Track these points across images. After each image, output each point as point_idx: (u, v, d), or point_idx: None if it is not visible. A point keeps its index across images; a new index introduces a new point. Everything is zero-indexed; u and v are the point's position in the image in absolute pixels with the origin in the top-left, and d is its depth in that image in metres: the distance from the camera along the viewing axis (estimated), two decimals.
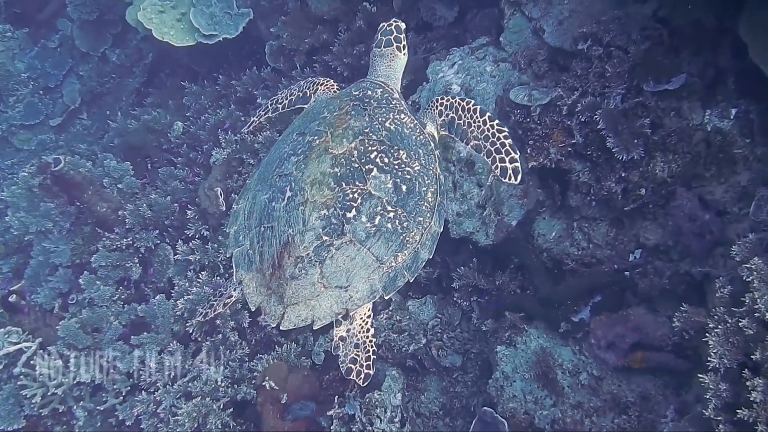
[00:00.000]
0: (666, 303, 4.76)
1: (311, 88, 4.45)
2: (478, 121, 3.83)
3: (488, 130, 3.78)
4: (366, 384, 3.66)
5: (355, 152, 3.58)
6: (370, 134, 3.66)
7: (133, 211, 6.62)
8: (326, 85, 4.42)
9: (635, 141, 4.63)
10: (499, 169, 3.73)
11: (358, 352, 3.64)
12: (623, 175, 4.72)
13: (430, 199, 3.68)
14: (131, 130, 7.86)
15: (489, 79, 5.32)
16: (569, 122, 4.87)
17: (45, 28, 11.00)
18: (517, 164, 3.72)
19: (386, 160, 3.59)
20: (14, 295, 6.27)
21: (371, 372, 3.64)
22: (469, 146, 3.88)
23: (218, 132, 7.15)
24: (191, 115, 7.80)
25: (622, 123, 4.66)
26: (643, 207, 4.81)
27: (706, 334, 3.96)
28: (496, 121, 3.79)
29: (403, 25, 4.32)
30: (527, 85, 5.10)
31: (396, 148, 3.66)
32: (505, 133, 3.76)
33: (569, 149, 4.90)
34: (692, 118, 4.69)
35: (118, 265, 6.52)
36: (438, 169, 3.81)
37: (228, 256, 3.94)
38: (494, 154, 3.75)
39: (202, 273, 6.14)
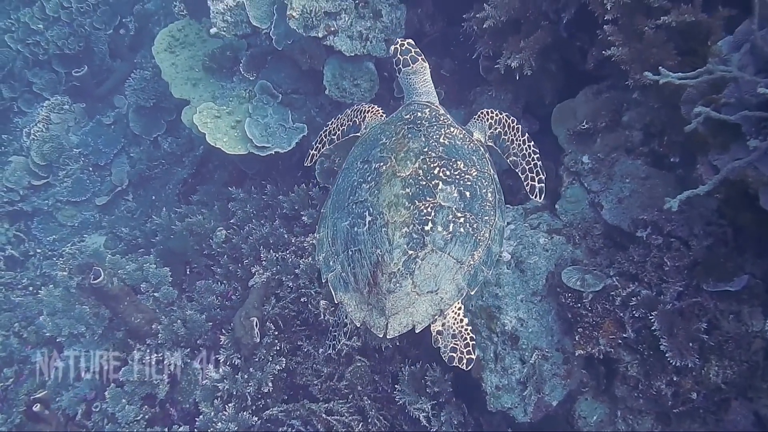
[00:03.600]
0: None
1: (359, 116, 4.87)
2: (520, 140, 4.53)
3: (526, 150, 4.50)
4: (469, 368, 4.01)
5: (420, 171, 3.98)
6: (429, 152, 4.06)
7: (167, 326, 6.53)
8: (372, 111, 4.85)
9: (690, 345, 4.42)
10: (529, 187, 4.50)
11: (456, 341, 4.02)
12: (675, 378, 4.51)
13: (490, 198, 4.11)
14: (173, 234, 7.80)
15: (542, 252, 5.18)
16: (622, 314, 4.70)
17: (102, 103, 11.16)
18: (543, 185, 4.49)
19: (447, 172, 4.01)
20: (38, 404, 6.18)
21: (473, 357, 4.01)
22: (508, 160, 4.56)
23: (260, 249, 7.05)
24: (235, 223, 7.73)
25: (678, 324, 4.47)
26: (694, 411, 4.58)
27: None
28: (532, 143, 4.51)
29: (411, 41, 4.69)
30: (580, 267, 4.94)
31: (453, 159, 4.08)
32: (538, 155, 4.51)
33: (619, 341, 4.71)
34: (752, 324, 4.47)
35: (146, 380, 6.39)
36: (491, 170, 4.28)
37: (324, 281, 4.22)
38: (527, 173, 4.50)
39: (229, 405, 6.00)
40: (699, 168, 4.20)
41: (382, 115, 4.82)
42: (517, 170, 4.52)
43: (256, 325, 6.16)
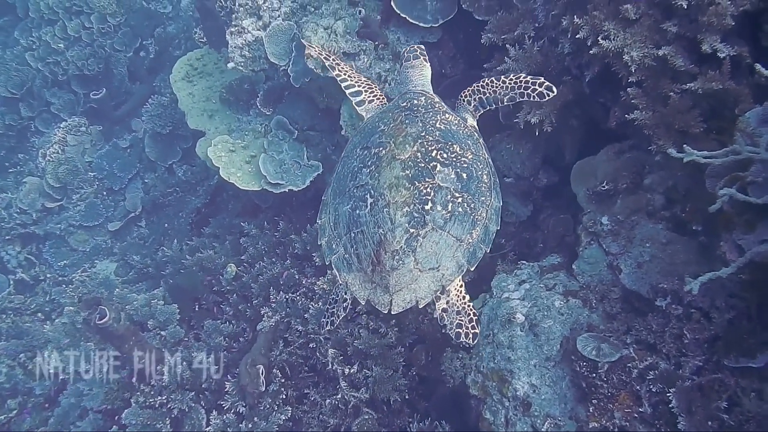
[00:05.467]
0: None
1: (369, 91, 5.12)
2: (499, 85, 4.67)
3: (510, 84, 4.64)
4: (475, 342, 4.16)
5: (419, 154, 4.12)
6: (427, 136, 4.21)
7: (172, 368, 6.42)
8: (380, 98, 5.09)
9: (709, 424, 4.24)
10: (537, 95, 4.58)
11: (461, 318, 4.15)
12: None
13: (486, 180, 4.25)
14: (184, 269, 7.71)
15: (557, 316, 5.01)
16: (638, 387, 4.52)
17: (119, 126, 11.15)
18: (545, 82, 4.56)
19: (445, 155, 4.14)
20: None
21: (477, 331, 4.17)
22: (505, 102, 4.70)
23: (270, 289, 6.94)
24: (246, 260, 7.62)
25: (697, 402, 4.29)
26: None
27: None
28: (512, 75, 4.66)
29: (422, 47, 5.10)
30: (596, 335, 4.77)
31: (450, 143, 4.23)
32: (522, 76, 4.63)
33: (635, 415, 4.54)
34: None
35: (149, 424, 6.28)
36: (486, 154, 4.45)
37: (327, 263, 4.31)
38: (525, 91, 4.60)
39: None
40: (723, 245, 4.03)
41: (383, 99, 5.09)
42: (518, 99, 4.69)
43: (262, 373, 6.05)
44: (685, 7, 4.37)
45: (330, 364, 6.03)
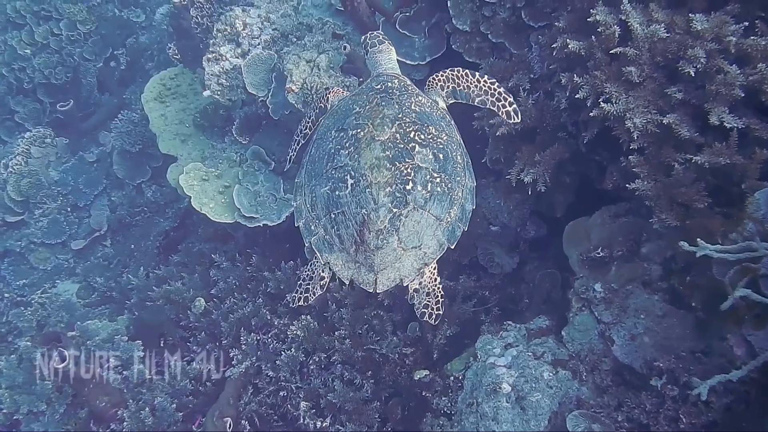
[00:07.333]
0: None
1: (324, 99, 5.06)
2: (474, 82, 4.72)
3: (485, 86, 4.71)
4: (437, 323, 4.32)
5: (397, 135, 4.21)
6: (404, 118, 4.29)
7: (134, 413, 6.10)
8: (334, 92, 5.06)
9: None
10: (504, 114, 4.70)
11: (429, 299, 4.24)
12: None
13: (460, 161, 4.39)
14: (150, 301, 7.35)
15: (545, 389, 4.77)
16: None
17: (86, 138, 10.74)
18: (515, 106, 4.71)
19: (422, 136, 4.24)
20: None
21: (441, 312, 4.29)
22: (476, 102, 4.75)
23: (240, 330, 6.61)
24: (216, 294, 7.27)
25: None
26: None
27: None
28: (486, 77, 4.73)
29: (381, 32, 5.24)
30: (587, 413, 4.54)
31: (426, 125, 4.32)
32: (497, 83, 4.72)
33: None
34: None
35: None
36: (458, 136, 4.58)
37: (307, 245, 4.40)
38: (497, 103, 4.70)
39: None
40: (730, 338, 3.81)
41: (344, 94, 5.03)
42: (487, 106, 4.74)
43: (230, 426, 5.73)
44: (693, 74, 4.15)
45: (302, 417, 5.75)
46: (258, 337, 6.55)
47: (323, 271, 4.36)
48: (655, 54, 4.37)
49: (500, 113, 4.72)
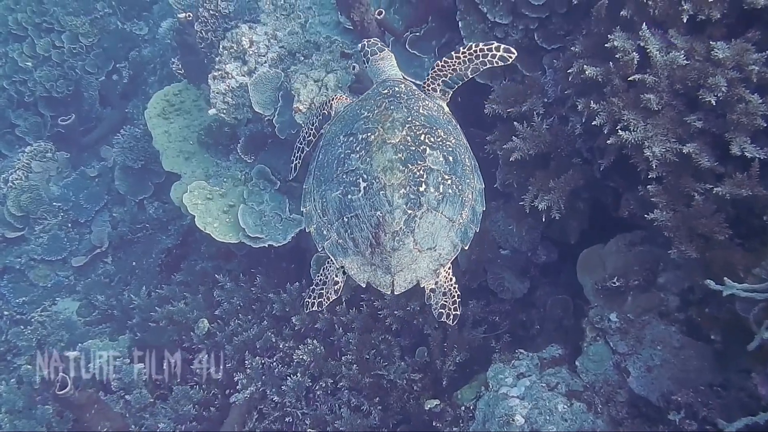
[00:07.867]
0: None
1: (327, 106, 5.04)
2: (456, 61, 4.68)
3: (465, 56, 4.67)
4: (455, 323, 4.26)
5: (408, 138, 4.18)
6: (413, 121, 4.28)
7: None
8: (337, 98, 5.04)
9: None
10: (498, 59, 4.64)
11: (446, 299, 4.21)
12: None
13: (468, 163, 4.39)
14: (152, 322, 7.24)
15: (560, 422, 4.66)
16: None
17: (88, 153, 10.64)
18: (500, 45, 4.63)
19: (432, 139, 4.23)
20: None
21: (458, 313, 4.26)
22: (468, 73, 4.71)
23: (245, 353, 6.50)
24: (220, 315, 7.16)
25: None
26: None
27: None
28: (462, 48, 4.67)
29: (377, 39, 5.26)
30: None
31: (435, 128, 4.32)
32: (475, 45, 4.65)
33: None
34: None
35: None
36: (464, 139, 4.57)
37: (320, 250, 4.37)
38: (484, 59, 4.64)
39: None
40: (755, 377, 3.71)
41: (348, 101, 5.03)
42: (480, 70, 4.74)
43: None
44: (714, 103, 4.07)
45: None
46: (263, 361, 6.45)
47: (337, 276, 4.34)
48: (674, 81, 4.28)
49: (496, 63, 4.67)
